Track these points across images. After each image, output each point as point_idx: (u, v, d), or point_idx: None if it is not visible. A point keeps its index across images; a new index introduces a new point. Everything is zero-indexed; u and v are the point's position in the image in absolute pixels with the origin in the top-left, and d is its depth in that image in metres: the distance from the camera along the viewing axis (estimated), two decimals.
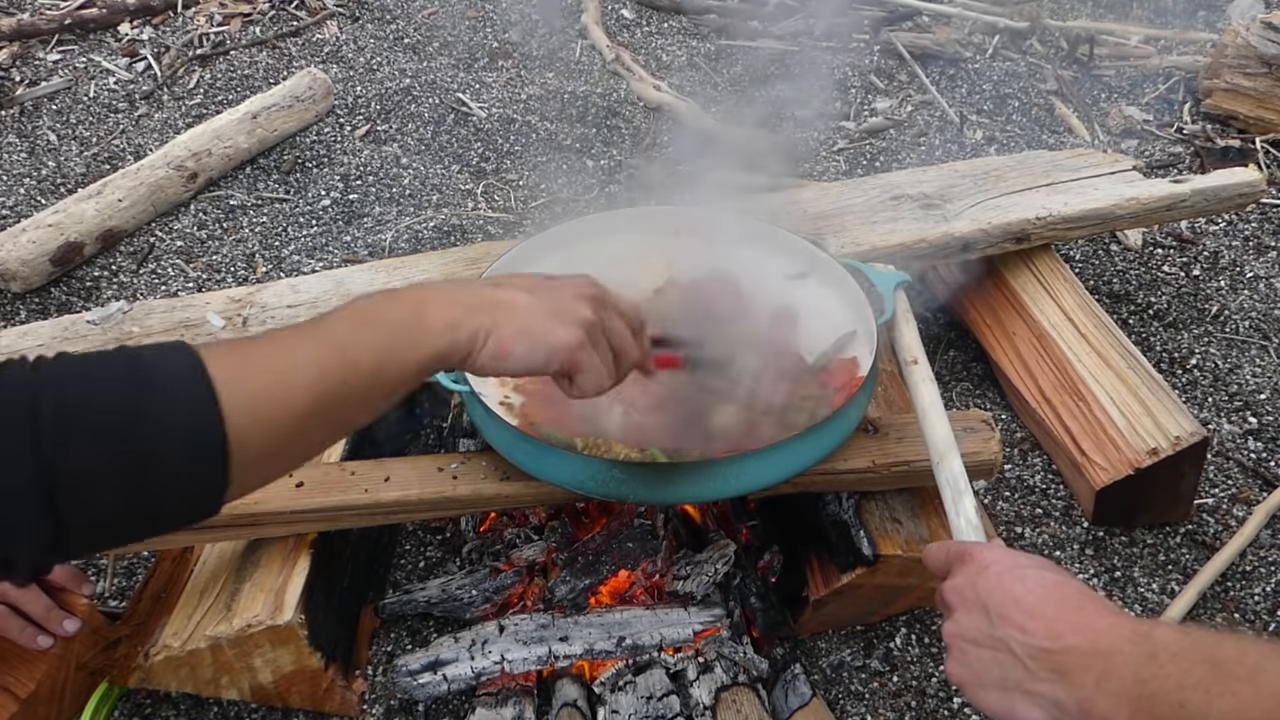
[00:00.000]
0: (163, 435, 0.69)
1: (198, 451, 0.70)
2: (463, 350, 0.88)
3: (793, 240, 1.47)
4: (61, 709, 1.26)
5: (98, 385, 0.69)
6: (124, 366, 0.71)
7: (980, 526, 1.03)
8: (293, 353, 0.79)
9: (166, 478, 0.70)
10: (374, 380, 0.81)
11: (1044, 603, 0.77)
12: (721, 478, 1.16)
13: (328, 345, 0.80)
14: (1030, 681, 0.75)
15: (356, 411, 0.83)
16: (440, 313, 0.87)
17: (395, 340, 0.84)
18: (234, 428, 0.71)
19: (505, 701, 1.27)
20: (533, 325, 0.91)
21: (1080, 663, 0.72)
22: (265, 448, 0.74)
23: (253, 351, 0.77)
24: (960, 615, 0.83)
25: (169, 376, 0.71)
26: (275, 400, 0.75)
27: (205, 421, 0.70)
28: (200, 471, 0.71)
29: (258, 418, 0.73)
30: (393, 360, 0.83)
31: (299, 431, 0.76)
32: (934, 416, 1.16)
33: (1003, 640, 0.78)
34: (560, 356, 0.93)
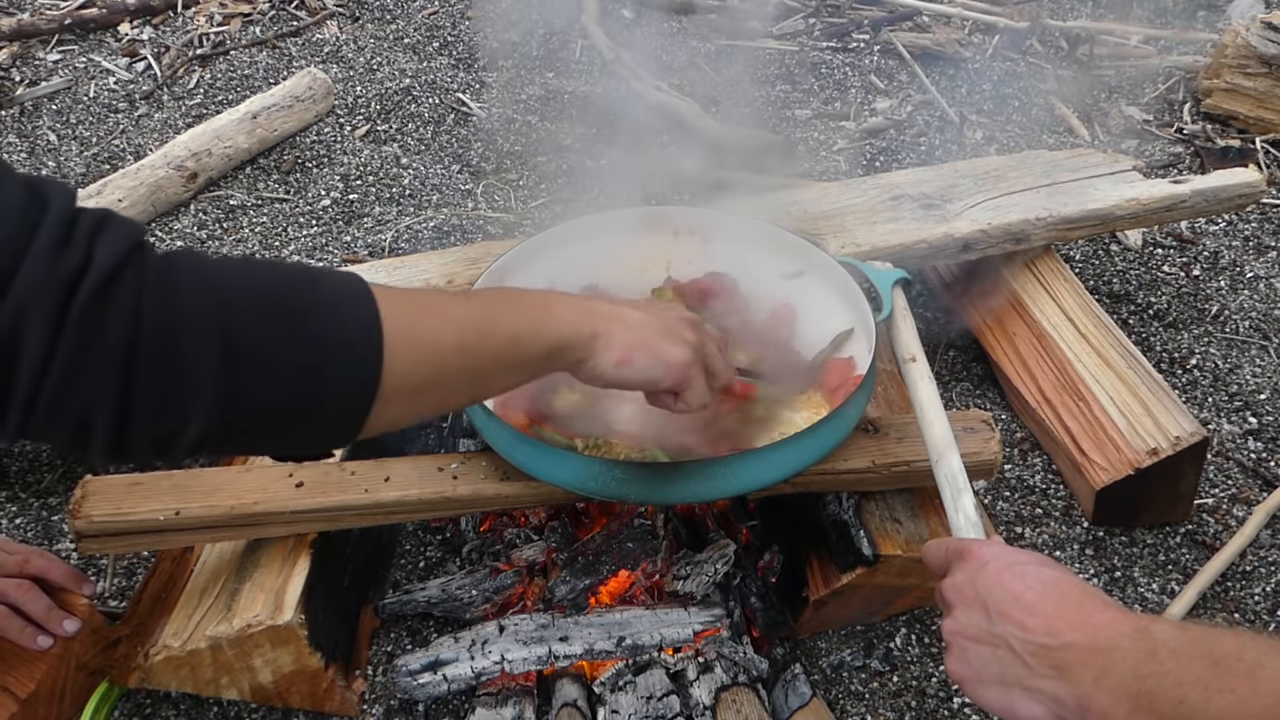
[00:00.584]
0: (332, 324, 0.74)
1: (360, 349, 0.75)
2: (583, 349, 0.94)
3: (790, 239, 1.47)
4: (61, 709, 1.26)
5: (279, 277, 0.76)
6: (303, 271, 0.78)
7: (979, 524, 1.03)
8: (443, 302, 0.87)
9: (331, 362, 0.74)
10: (511, 348, 0.88)
11: (1043, 599, 0.78)
12: (721, 477, 1.16)
13: (471, 307, 0.88)
14: (1030, 678, 0.76)
15: (492, 374, 0.89)
16: (565, 310, 0.95)
17: (528, 320, 0.91)
18: (390, 337, 0.76)
19: (505, 701, 1.27)
20: (650, 341, 0.99)
21: (1079, 659, 0.73)
22: (412, 371, 0.78)
23: (411, 294, 0.86)
24: (959, 612, 0.83)
25: (338, 283, 0.77)
26: (427, 328, 0.81)
27: (369, 321, 0.76)
28: (358, 373, 0.75)
29: (411, 337, 0.78)
30: (526, 336, 0.89)
31: (443, 369, 0.82)
32: (932, 414, 1.16)
33: (1002, 637, 0.78)
34: (675, 373, 1.01)
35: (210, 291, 0.71)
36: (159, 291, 0.68)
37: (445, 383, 0.83)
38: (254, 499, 1.25)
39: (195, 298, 0.69)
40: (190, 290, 0.70)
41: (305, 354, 0.73)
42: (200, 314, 0.69)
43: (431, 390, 0.82)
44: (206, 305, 0.69)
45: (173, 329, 0.68)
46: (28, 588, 1.23)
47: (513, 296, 0.96)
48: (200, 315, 0.69)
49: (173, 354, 0.68)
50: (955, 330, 1.96)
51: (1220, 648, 0.67)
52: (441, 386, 0.83)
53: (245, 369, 0.70)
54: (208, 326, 0.69)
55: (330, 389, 0.75)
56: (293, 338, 0.73)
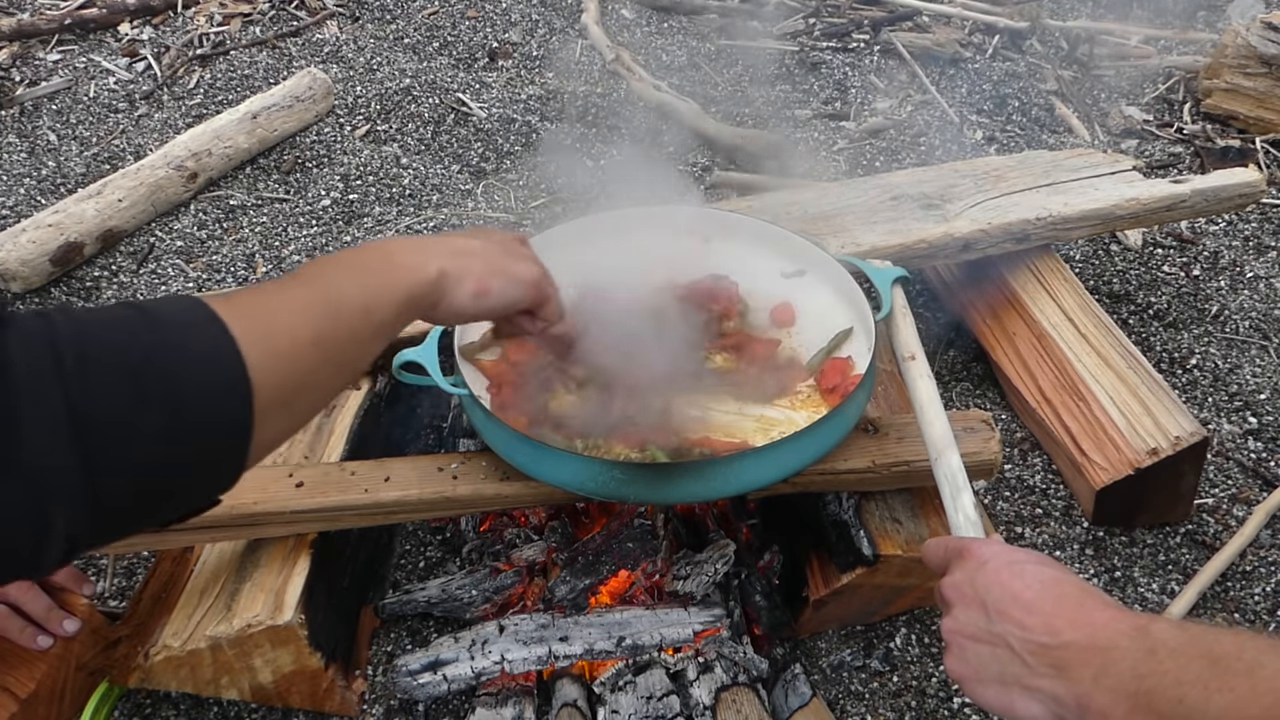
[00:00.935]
0: (187, 371, 0.67)
1: (223, 381, 0.69)
2: (434, 291, 0.90)
3: (789, 238, 1.47)
4: (61, 709, 1.26)
5: (112, 327, 0.67)
6: (134, 311, 0.69)
7: (979, 522, 1.02)
8: (283, 295, 0.80)
9: (196, 419, 0.67)
10: (364, 318, 0.83)
11: (1042, 598, 0.78)
12: (721, 477, 1.16)
13: (312, 288, 0.82)
14: (1029, 677, 0.76)
15: (354, 352, 0.84)
16: (407, 257, 0.90)
17: (371, 280, 0.86)
18: (251, 360, 0.70)
19: (505, 701, 1.27)
20: (499, 264, 0.97)
21: (1078, 658, 0.73)
22: (282, 385, 0.73)
23: (248, 298, 0.78)
24: (959, 611, 0.83)
25: (180, 316, 0.70)
26: (282, 334, 0.75)
27: (225, 352, 0.69)
28: (226, 405, 0.69)
29: (271, 351, 0.72)
30: (374, 301, 0.85)
31: (308, 368, 0.77)
32: (931, 413, 1.16)
33: (1001, 636, 0.78)
34: (532, 290, 1.01)
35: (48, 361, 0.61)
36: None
37: (313, 381, 0.78)
38: (254, 499, 1.25)
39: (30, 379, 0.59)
40: (21, 364, 0.59)
41: (167, 405, 0.65)
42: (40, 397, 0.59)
43: (302, 394, 0.77)
44: (46, 386, 0.60)
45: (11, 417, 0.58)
46: (28, 587, 1.23)
47: (349, 261, 0.89)
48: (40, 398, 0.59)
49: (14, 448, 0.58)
50: (955, 330, 1.96)
51: (1219, 647, 0.67)
52: (310, 386, 0.78)
53: (103, 445, 0.62)
54: (51, 409, 0.59)
55: (204, 431, 0.68)
56: (147, 394, 0.64)
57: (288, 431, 0.79)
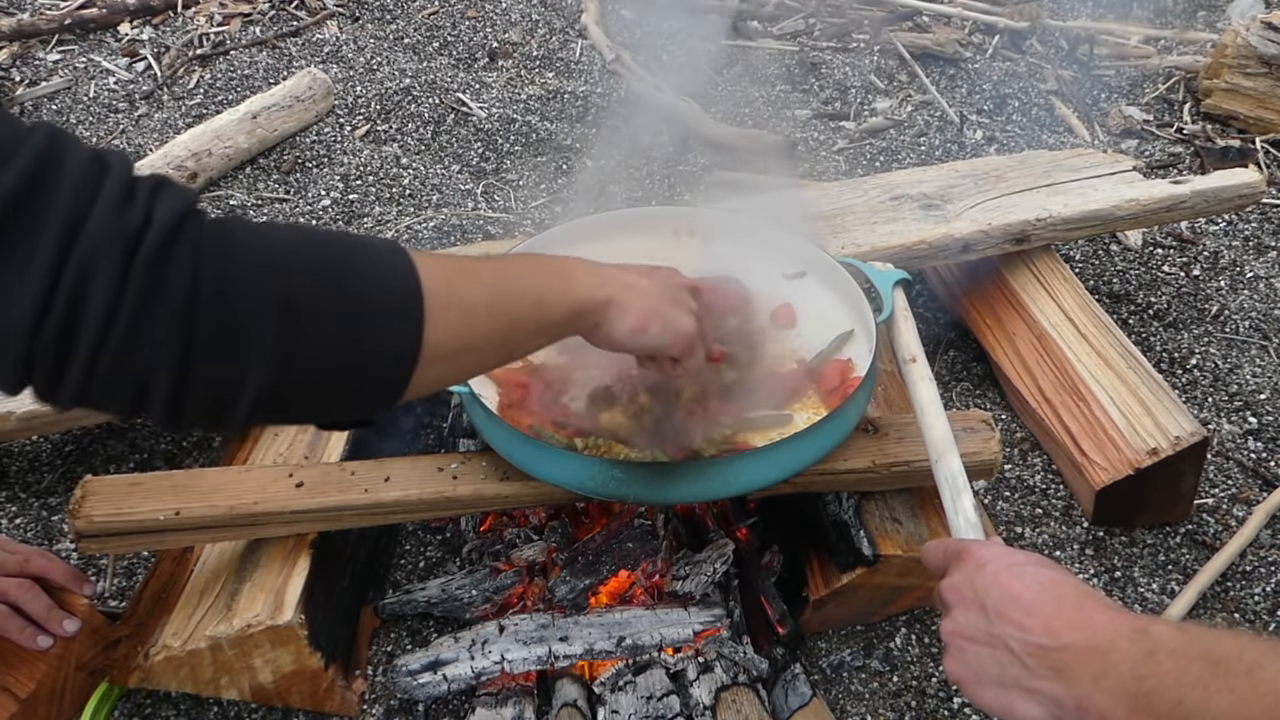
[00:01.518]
0: (376, 287, 0.76)
1: (402, 315, 0.77)
2: (599, 314, 0.96)
3: (790, 239, 1.47)
4: (61, 709, 1.26)
5: (324, 240, 0.78)
6: (343, 236, 0.81)
7: (979, 524, 1.02)
8: (473, 266, 0.89)
9: (377, 323, 0.76)
10: (536, 310, 0.91)
11: (1041, 600, 0.78)
12: (721, 477, 1.16)
13: (499, 270, 0.90)
14: (1028, 679, 0.76)
15: (520, 335, 0.91)
16: (582, 274, 0.97)
17: (550, 283, 0.94)
18: (429, 300, 0.77)
19: (505, 701, 1.27)
20: (662, 309, 1.02)
21: (1078, 660, 0.73)
22: (450, 333, 0.80)
23: (440, 258, 0.86)
24: (958, 613, 0.83)
25: (383, 249, 0.79)
26: (462, 291, 0.83)
27: (410, 291, 0.77)
28: (402, 330, 0.77)
29: (449, 300, 0.80)
30: (549, 298, 0.92)
31: (477, 330, 0.84)
32: (932, 415, 1.16)
33: (1000, 638, 0.78)
34: (683, 342, 1.04)
35: (262, 252, 0.72)
36: (215, 252, 0.68)
37: (478, 344, 0.85)
38: (254, 499, 1.25)
39: (249, 259, 0.70)
40: (244, 251, 0.70)
41: (353, 315, 0.74)
42: (254, 275, 0.70)
43: (466, 352, 0.84)
44: (260, 267, 0.70)
45: (229, 289, 0.68)
46: (28, 587, 1.23)
47: (535, 261, 0.99)
48: (255, 276, 0.70)
49: (230, 312, 0.68)
50: (955, 330, 1.96)
51: (1219, 648, 0.67)
52: (475, 348, 0.85)
53: (298, 328, 0.71)
54: (262, 287, 0.70)
55: (377, 348, 0.76)
56: (341, 299, 0.74)
57: (445, 380, 0.86)
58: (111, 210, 0.65)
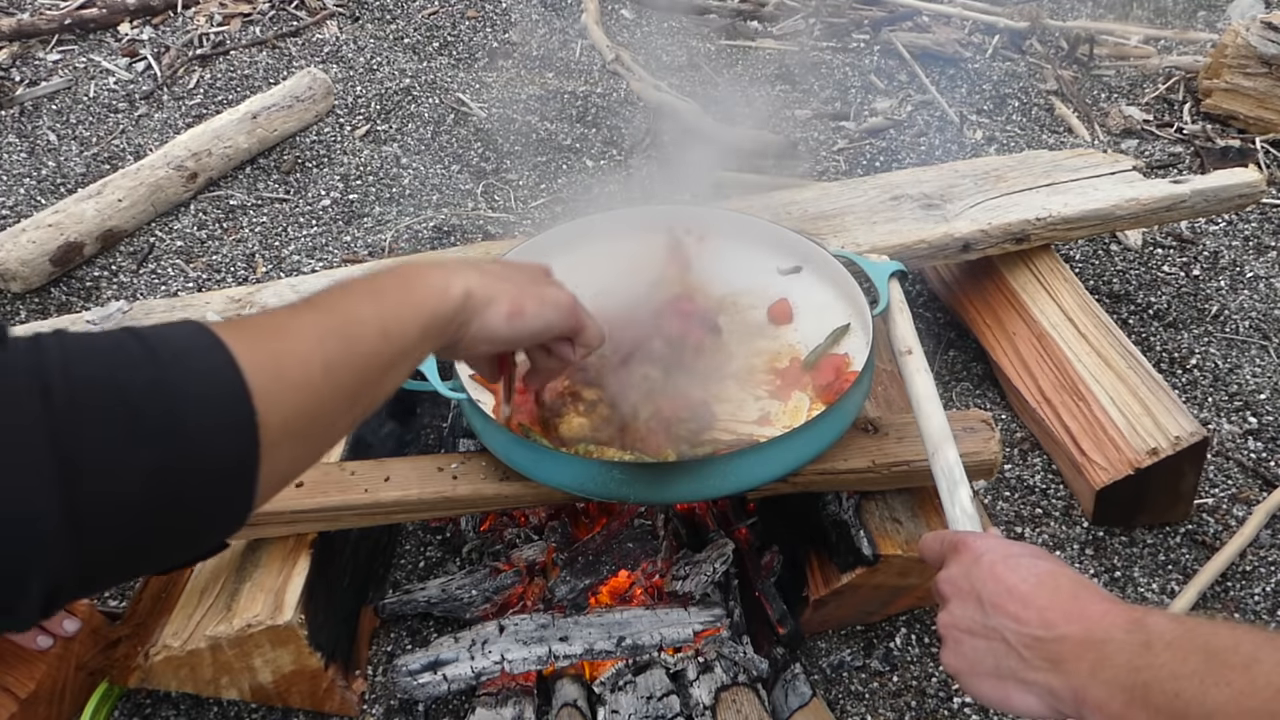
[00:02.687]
0: (187, 405, 0.61)
1: (226, 414, 0.63)
2: (462, 312, 0.85)
3: (786, 235, 1.47)
4: (61, 709, 1.26)
5: (108, 361, 0.61)
6: (133, 341, 0.63)
7: (976, 516, 1.02)
8: (295, 321, 0.74)
9: (196, 457, 0.62)
10: (383, 341, 0.77)
11: (1037, 591, 0.78)
12: (719, 476, 1.16)
13: (326, 312, 0.76)
14: (1025, 670, 0.76)
15: (372, 381, 0.78)
16: (427, 278, 0.84)
17: (391, 303, 0.80)
18: (257, 389, 0.64)
19: (505, 701, 1.27)
20: (530, 290, 0.92)
21: (1074, 651, 0.73)
22: (292, 415, 0.68)
23: (256, 323, 0.73)
24: (954, 605, 0.83)
25: (182, 345, 0.64)
26: (292, 360, 0.69)
27: (229, 382, 0.64)
28: (231, 445, 0.63)
29: (279, 378, 0.67)
30: (396, 321, 0.79)
31: (321, 396, 0.71)
32: (929, 407, 1.16)
33: (997, 630, 0.78)
34: (567, 315, 0.96)
35: (34, 397, 0.56)
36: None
37: (324, 412, 0.72)
38: None
39: (12, 415, 0.55)
40: (4, 398, 0.55)
41: (165, 444, 0.60)
42: (21, 436, 0.55)
43: (316, 423, 0.71)
44: (30, 424, 0.55)
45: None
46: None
47: (366, 285, 0.82)
48: (21, 437, 0.55)
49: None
50: (955, 330, 1.96)
51: (1216, 640, 0.66)
52: (321, 418, 0.72)
53: (92, 491, 0.56)
54: (33, 451, 0.55)
55: (206, 470, 0.63)
56: (142, 433, 0.59)
57: (301, 464, 0.73)
58: None
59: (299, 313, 0.75)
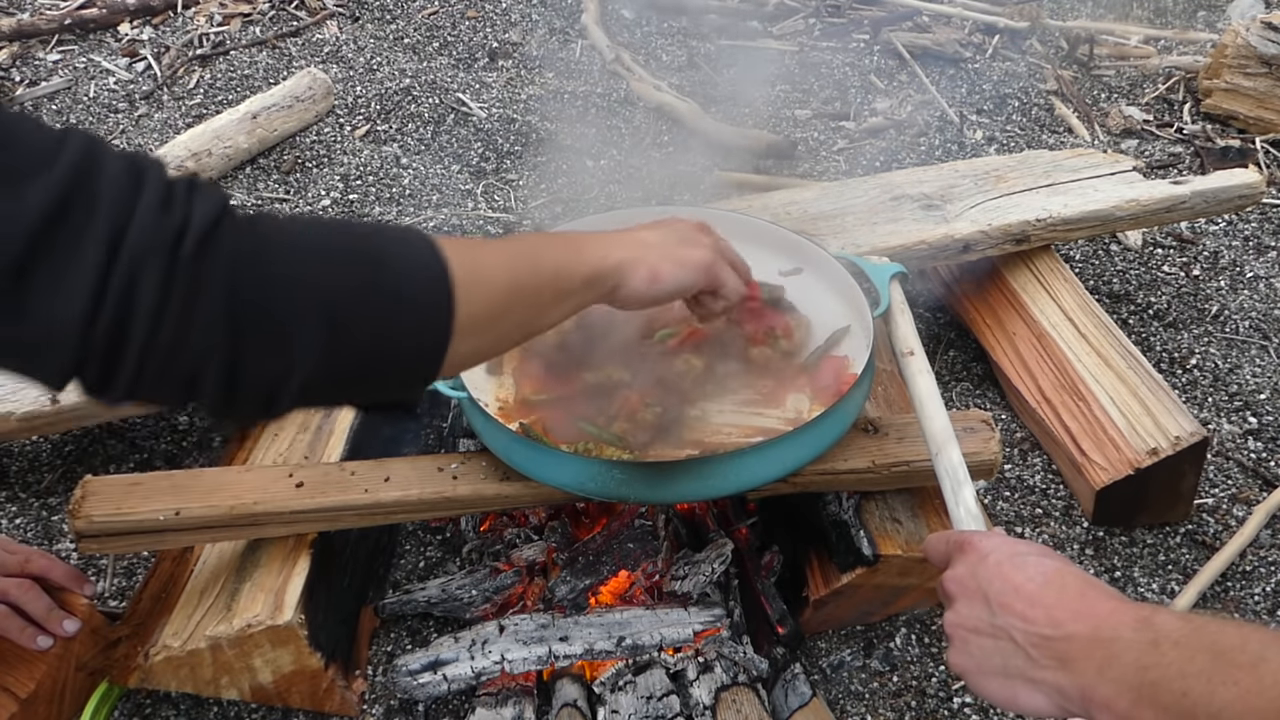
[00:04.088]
0: (406, 272, 0.79)
1: (433, 294, 0.80)
2: (613, 276, 1.01)
3: (786, 236, 1.47)
4: (61, 709, 1.26)
5: (348, 230, 0.82)
6: (364, 225, 0.84)
7: (980, 516, 1.02)
8: (492, 244, 0.93)
9: (411, 306, 0.79)
10: (554, 281, 0.95)
11: (1044, 590, 0.78)
12: (720, 476, 1.16)
13: (517, 246, 0.96)
14: (1032, 669, 0.76)
15: (543, 305, 0.95)
16: (591, 244, 1.02)
17: (563, 254, 0.98)
18: (456, 279, 0.80)
19: (505, 701, 1.27)
20: (672, 252, 1.07)
21: (1082, 650, 0.72)
22: (478, 309, 0.83)
23: (468, 240, 0.91)
24: (961, 605, 0.83)
25: (409, 236, 0.82)
26: (485, 267, 0.86)
27: (438, 271, 0.80)
28: (434, 311, 0.80)
29: (474, 278, 0.83)
30: (564, 269, 0.97)
31: (503, 303, 0.88)
32: (931, 408, 1.16)
33: (1004, 629, 0.78)
34: (704, 273, 1.10)
35: (298, 247, 0.75)
36: (250, 257, 0.70)
37: (506, 316, 0.89)
38: (254, 499, 1.25)
39: (284, 266, 0.73)
40: (278, 257, 0.73)
41: (389, 311, 0.78)
42: (291, 284, 0.72)
43: (495, 324, 0.88)
44: (295, 273, 0.73)
45: (269, 295, 0.71)
46: (28, 587, 1.23)
47: (546, 237, 1.05)
48: (292, 285, 0.72)
49: (272, 304, 0.71)
50: (955, 330, 1.96)
51: (1224, 639, 0.66)
52: (502, 320, 0.89)
53: (340, 330, 0.74)
54: (300, 296, 0.72)
55: (414, 341, 0.80)
56: (376, 298, 0.77)
57: (480, 354, 0.91)
58: (152, 213, 0.66)
59: (496, 241, 0.95)
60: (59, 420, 1.50)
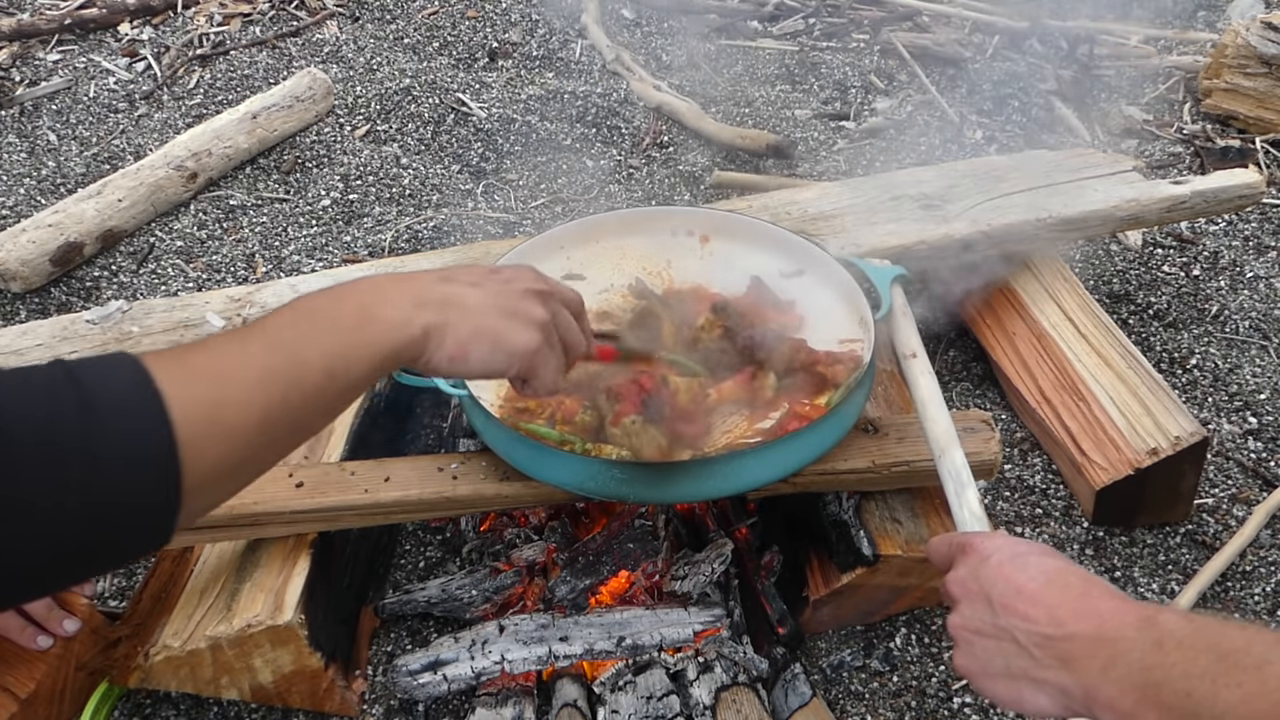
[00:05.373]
0: (114, 450, 0.63)
1: (150, 465, 0.65)
2: (416, 349, 0.84)
3: (788, 238, 1.47)
4: (61, 709, 1.26)
5: (40, 401, 0.63)
6: (68, 383, 0.64)
7: (984, 517, 1.02)
8: (239, 358, 0.74)
9: (118, 496, 0.64)
10: (327, 381, 0.77)
11: (1046, 590, 0.78)
12: (721, 476, 1.17)
13: (274, 348, 0.76)
14: (1036, 669, 0.76)
15: (312, 416, 0.78)
16: (388, 311, 0.83)
17: (344, 340, 0.79)
18: (185, 438, 0.66)
19: (505, 701, 1.27)
20: (489, 326, 0.89)
21: (1085, 650, 0.72)
22: (220, 462, 0.69)
23: (196, 359, 0.72)
24: (964, 606, 0.83)
25: (115, 389, 0.66)
26: (228, 406, 0.70)
27: (156, 434, 0.65)
28: (152, 489, 0.65)
29: (212, 427, 0.68)
30: (344, 360, 0.78)
31: (252, 443, 0.72)
32: (934, 410, 1.16)
33: (1007, 629, 0.78)
34: (519, 361, 0.92)
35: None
36: None
37: (256, 455, 0.74)
38: (254, 499, 1.25)
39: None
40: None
41: (88, 488, 0.62)
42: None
43: (243, 468, 0.73)
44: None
45: None
46: None
47: (321, 312, 0.81)
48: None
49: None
50: (955, 330, 1.96)
51: (1228, 641, 0.66)
52: (253, 460, 0.74)
53: (17, 529, 0.60)
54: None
55: (126, 512, 0.65)
56: (67, 478, 0.61)
57: (225, 498, 0.74)
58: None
59: (247, 346, 0.75)
60: None
